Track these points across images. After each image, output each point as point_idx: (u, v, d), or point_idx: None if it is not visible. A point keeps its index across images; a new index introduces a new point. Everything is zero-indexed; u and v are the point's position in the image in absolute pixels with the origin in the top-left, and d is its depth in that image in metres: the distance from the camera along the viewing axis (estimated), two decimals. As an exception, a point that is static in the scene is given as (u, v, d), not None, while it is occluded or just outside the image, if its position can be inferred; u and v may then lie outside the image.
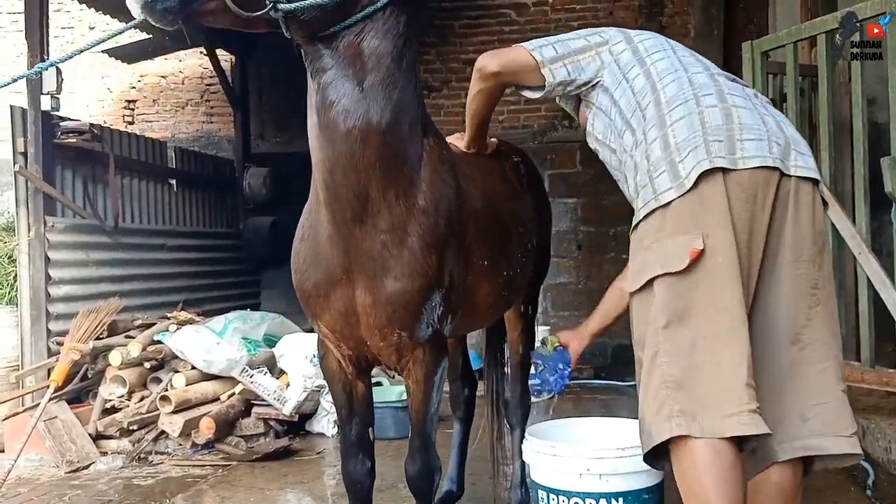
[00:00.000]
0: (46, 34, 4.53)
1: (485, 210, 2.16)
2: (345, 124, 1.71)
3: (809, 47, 4.42)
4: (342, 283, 1.86)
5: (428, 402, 1.99)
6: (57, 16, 6.54)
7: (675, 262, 1.62)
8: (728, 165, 1.64)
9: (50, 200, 4.46)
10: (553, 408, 5.04)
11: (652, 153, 1.73)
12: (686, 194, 1.64)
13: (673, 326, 1.61)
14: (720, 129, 1.69)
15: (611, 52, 1.97)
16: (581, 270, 6.75)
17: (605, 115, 1.97)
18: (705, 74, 1.84)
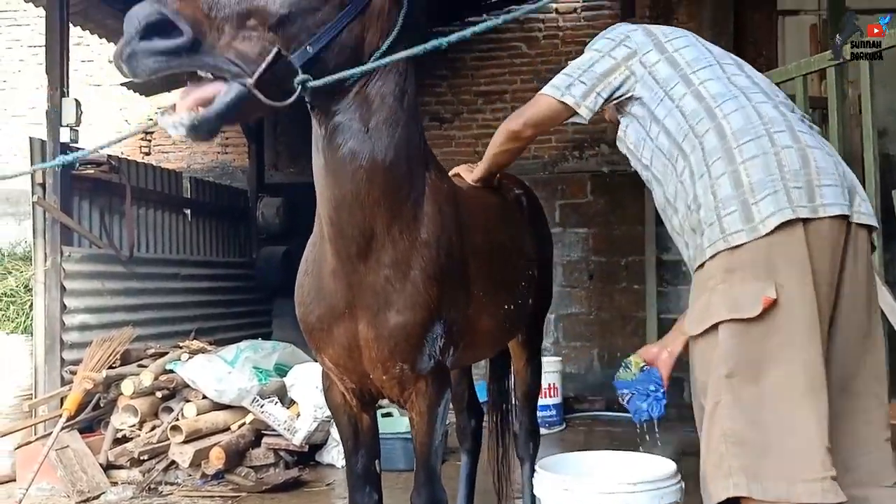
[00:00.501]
0: (66, 68, 4.63)
1: (486, 243, 2.17)
2: (351, 165, 1.73)
3: (819, 79, 4.45)
4: (345, 318, 1.87)
5: (432, 435, 1.98)
6: (77, 49, 6.66)
7: (745, 309, 1.54)
8: (809, 215, 1.57)
9: (67, 230, 4.52)
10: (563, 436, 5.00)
11: (720, 189, 1.64)
12: (760, 239, 1.57)
13: (738, 377, 1.54)
14: (798, 174, 1.61)
15: (642, 62, 1.87)
16: (593, 300, 6.73)
17: (641, 126, 1.89)
18: (770, 105, 1.74)
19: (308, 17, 1.49)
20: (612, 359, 6.65)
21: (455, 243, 1.95)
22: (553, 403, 5.49)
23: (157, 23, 1.26)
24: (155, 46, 1.26)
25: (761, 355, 1.53)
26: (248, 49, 1.39)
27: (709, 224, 1.65)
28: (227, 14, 1.36)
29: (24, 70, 7.72)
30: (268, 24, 1.42)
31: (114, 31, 5.65)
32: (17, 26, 7.75)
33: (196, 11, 1.32)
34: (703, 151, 1.70)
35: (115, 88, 7.39)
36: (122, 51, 1.27)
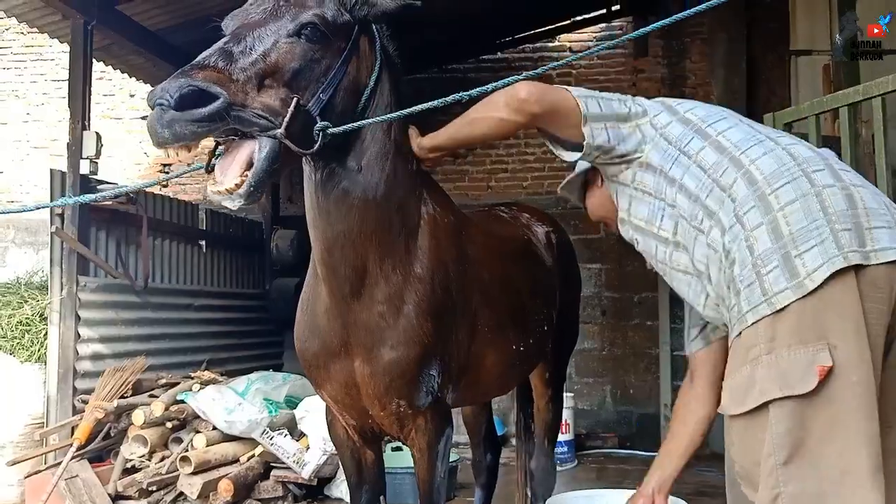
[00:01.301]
0: (88, 101, 4.73)
1: (494, 277, 2.16)
2: (344, 204, 1.77)
3: (832, 119, 4.46)
4: (341, 355, 1.89)
5: (433, 472, 1.98)
6: (99, 83, 6.81)
7: (798, 383, 1.35)
8: (862, 261, 1.38)
9: (83, 260, 4.57)
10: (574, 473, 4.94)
11: (757, 242, 1.45)
12: (808, 296, 1.38)
13: (797, 462, 1.36)
14: (845, 215, 1.42)
15: (653, 124, 1.71)
16: (605, 337, 6.69)
17: (654, 198, 1.69)
18: (802, 146, 1.58)
19: (316, 66, 1.59)
20: (624, 395, 6.59)
21: (454, 277, 1.95)
22: (565, 440, 5.43)
23: (189, 94, 1.34)
24: (195, 114, 1.35)
25: (817, 433, 1.35)
26: (271, 102, 1.47)
27: (747, 284, 1.46)
28: (247, 76, 1.45)
29: (48, 103, 7.89)
30: (284, 78, 1.52)
31: (135, 66, 5.79)
32: (42, 61, 7.94)
33: (221, 78, 1.41)
34: (734, 203, 1.51)
35: (136, 122, 7.53)
36: (160, 119, 1.35)
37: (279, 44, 1.54)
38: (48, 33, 5.06)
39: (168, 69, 5.72)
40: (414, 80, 6.54)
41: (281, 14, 1.57)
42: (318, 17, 1.60)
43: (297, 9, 1.59)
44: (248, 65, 1.47)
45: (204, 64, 1.43)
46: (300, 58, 1.56)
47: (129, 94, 7.84)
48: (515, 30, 6.81)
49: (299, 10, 1.59)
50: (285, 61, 1.53)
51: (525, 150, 6.94)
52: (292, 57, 1.54)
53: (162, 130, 1.34)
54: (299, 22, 1.57)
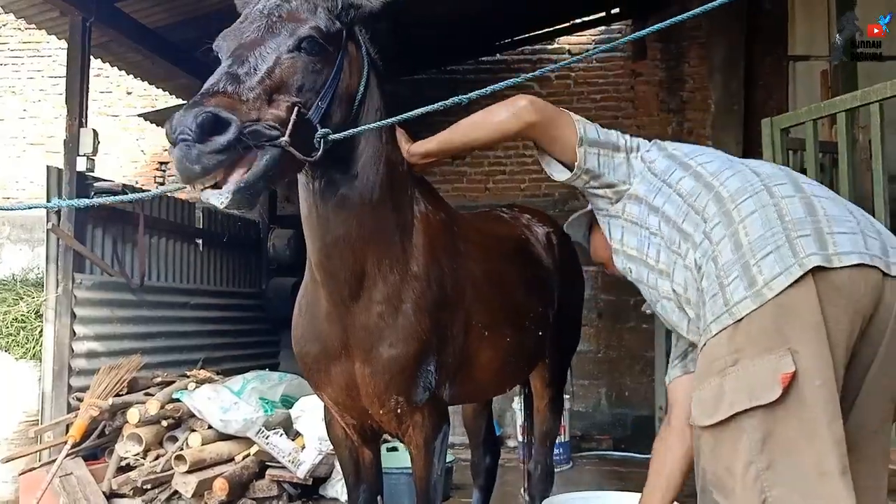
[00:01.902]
0: (86, 98, 4.72)
1: (488, 275, 2.17)
2: (342, 210, 1.78)
3: (829, 124, 4.48)
4: (341, 358, 1.90)
5: (430, 469, 1.99)
6: (96, 80, 6.79)
7: (765, 393, 1.37)
8: (822, 263, 1.39)
9: (79, 258, 4.56)
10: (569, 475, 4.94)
11: (720, 255, 1.49)
12: (767, 304, 1.40)
13: (778, 466, 1.38)
14: (804, 221, 1.45)
15: (642, 158, 1.80)
16: (601, 339, 6.70)
17: (640, 228, 1.76)
18: (770, 165, 1.66)
19: (317, 77, 1.61)
20: (620, 398, 6.60)
21: (448, 274, 1.97)
22: (560, 442, 5.43)
23: (205, 122, 1.35)
24: (215, 145, 1.36)
25: (793, 435, 1.37)
26: (279, 113, 1.49)
27: (711, 295, 1.49)
28: (256, 94, 1.48)
29: (45, 100, 7.87)
30: (290, 92, 1.54)
31: (133, 63, 5.78)
32: (40, 57, 7.92)
33: (231, 103, 1.42)
34: (705, 222, 1.58)
35: (133, 119, 7.52)
36: (188, 156, 1.36)
37: (281, 60, 1.56)
38: (46, 30, 5.05)
39: (166, 66, 5.73)
40: (413, 80, 6.54)
41: (277, 30, 1.59)
42: (315, 30, 1.62)
43: (293, 23, 1.61)
44: (255, 84, 1.48)
45: (213, 91, 1.44)
46: (302, 71, 1.58)
47: (127, 91, 7.83)
48: (514, 32, 6.82)
49: (296, 25, 1.61)
50: (289, 76, 1.55)
51: (523, 153, 6.95)
52: (295, 71, 1.57)
53: (192, 167, 1.36)
54: (298, 36, 1.59)
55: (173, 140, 1.37)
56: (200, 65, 5.76)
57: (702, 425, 1.48)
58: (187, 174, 1.38)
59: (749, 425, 1.40)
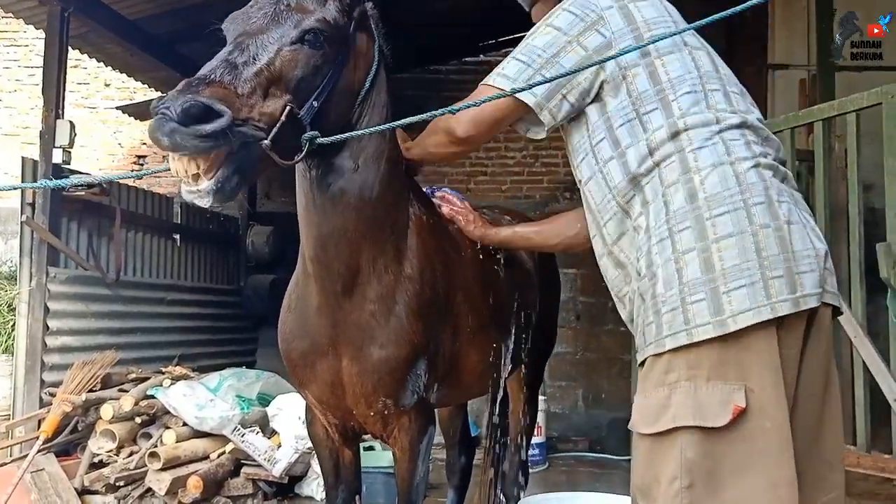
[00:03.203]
0: (63, 89, 4.65)
1: (476, 278, 2.17)
2: (340, 202, 1.76)
3: (807, 133, 4.54)
4: (328, 355, 1.88)
5: (414, 471, 1.98)
6: (74, 71, 6.71)
7: (710, 417, 1.36)
8: (793, 309, 1.38)
9: (53, 251, 4.50)
10: (545, 476, 4.97)
11: (687, 268, 1.42)
12: (730, 335, 1.38)
13: (699, 490, 1.37)
14: (777, 260, 1.40)
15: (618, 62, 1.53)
16: (579, 341, 6.74)
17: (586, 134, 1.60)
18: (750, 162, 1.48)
19: (318, 72, 1.57)
20: (596, 399, 6.64)
21: (440, 276, 1.96)
22: (537, 442, 5.45)
23: (193, 110, 1.31)
24: (199, 130, 1.31)
25: (726, 466, 1.37)
26: (273, 110, 1.46)
27: (670, 308, 1.43)
28: (252, 87, 1.44)
29: (20, 90, 7.75)
30: (289, 87, 1.50)
31: (112, 55, 5.71)
32: (16, 46, 7.80)
33: (226, 94, 1.38)
34: (667, 210, 1.47)
35: (110, 112, 7.43)
36: (161, 127, 1.31)
37: (283, 52, 1.51)
38: (23, 19, 4.96)
39: (145, 59, 5.67)
40: (394, 79, 6.53)
41: (283, 20, 1.54)
42: (321, 22, 1.57)
43: (300, 14, 1.56)
44: (251, 75, 1.44)
45: (210, 78, 1.39)
46: (303, 65, 1.54)
47: (105, 83, 7.74)
48: (498, 33, 6.83)
49: (302, 16, 1.56)
50: (289, 69, 1.51)
51: (505, 154, 6.97)
52: (295, 64, 1.52)
53: (161, 138, 1.31)
54: (302, 28, 1.54)
55: (153, 112, 1.32)
56: (180, 57, 5.72)
57: (641, 432, 1.47)
58: (157, 145, 1.34)
59: (684, 442, 1.39)
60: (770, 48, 6.18)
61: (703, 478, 1.37)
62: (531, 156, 6.92)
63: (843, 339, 3.81)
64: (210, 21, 1.69)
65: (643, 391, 1.49)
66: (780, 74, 6.02)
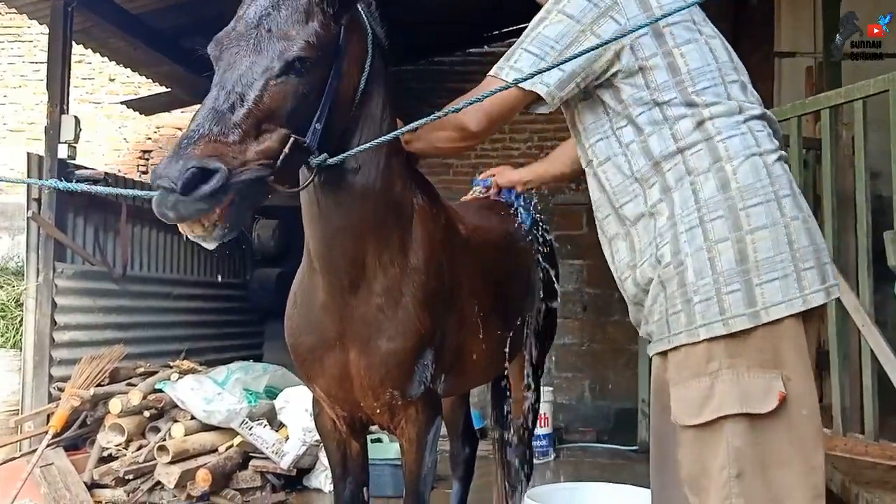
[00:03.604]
0: (67, 85, 4.66)
1: (480, 268, 2.17)
2: (344, 199, 1.75)
3: (814, 121, 4.51)
4: (336, 349, 1.88)
5: (421, 462, 1.98)
6: (78, 67, 6.71)
7: (758, 403, 1.39)
8: (823, 300, 1.43)
9: (60, 246, 4.51)
10: (553, 466, 4.97)
11: (720, 258, 1.42)
12: (767, 325, 1.41)
13: (747, 478, 1.39)
14: (807, 251, 1.43)
15: (633, 50, 1.50)
16: (585, 332, 6.74)
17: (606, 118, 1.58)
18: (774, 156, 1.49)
19: (311, 97, 1.53)
20: (603, 390, 6.64)
21: (445, 267, 1.96)
22: (544, 433, 5.46)
23: (191, 177, 1.30)
24: (197, 195, 1.31)
25: (771, 453, 1.39)
26: (270, 145, 1.43)
27: (704, 298, 1.43)
28: (242, 132, 1.40)
29: (25, 86, 7.76)
30: (280, 121, 1.46)
31: (116, 50, 5.70)
32: (21, 42, 7.81)
33: (218, 148, 1.36)
34: (696, 198, 1.46)
35: (115, 107, 7.43)
36: (164, 202, 1.32)
37: (269, 87, 1.45)
38: (27, 14, 4.97)
39: (149, 53, 5.66)
40: (397, 71, 6.51)
41: (265, 49, 1.47)
42: (306, 49, 1.49)
43: (283, 42, 1.48)
44: (240, 120, 1.40)
45: (199, 134, 1.36)
46: (294, 96, 1.48)
47: (109, 77, 7.74)
48: (503, 24, 6.79)
49: (286, 44, 1.48)
50: (279, 104, 1.46)
51: (510, 146, 6.94)
52: (284, 97, 1.47)
53: (167, 212, 1.33)
54: (285, 60, 1.47)
55: (154, 185, 1.33)
56: (184, 52, 5.71)
57: (685, 424, 1.46)
58: (164, 219, 1.35)
59: (731, 431, 1.40)
60: (776, 36, 6.13)
61: (752, 466, 1.39)
62: (536, 147, 6.89)
63: (850, 327, 3.80)
64: (213, 15, 1.66)
65: (681, 382, 1.48)
66: (787, 62, 5.98)
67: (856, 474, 3.43)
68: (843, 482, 3.46)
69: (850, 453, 3.69)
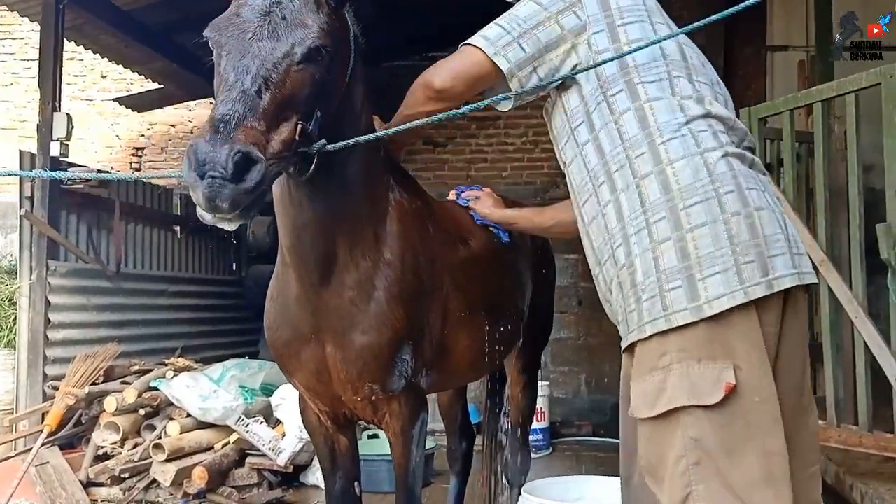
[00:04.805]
0: (59, 82, 4.64)
1: (464, 262, 2.16)
2: (315, 192, 1.75)
3: (806, 114, 4.53)
4: (312, 342, 1.89)
5: (409, 456, 1.99)
6: (70, 64, 6.68)
7: (705, 395, 1.42)
8: (766, 292, 1.45)
9: (53, 244, 4.50)
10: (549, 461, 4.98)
11: (663, 257, 1.49)
12: (718, 316, 1.44)
13: (706, 465, 1.43)
14: (748, 246, 1.47)
15: (590, 44, 1.58)
16: (581, 326, 6.75)
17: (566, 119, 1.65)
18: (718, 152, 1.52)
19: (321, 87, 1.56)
20: (599, 384, 6.66)
21: (424, 261, 1.96)
22: (540, 427, 5.48)
23: (239, 163, 1.32)
24: (247, 185, 1.33)
25: (726, 441, 1.43)
26: (287, 136, 1.46)
27: (650, 296, 1.49)
28: (271, 121, 1.42)
29: (17, 83, 7.72)
30: (298, 109, 1.50)
31: (107, 47, 5.68)
32: (12, 39, 7.76)
33: (255, 136, 1.38)
34: (641, 200, 1.52)
35: (107, 104, 7.40)
36: (220, 193, 1.32)
37: (291, 74, 1.48)
38: (18, 11, 4.94)
39: (141, 49, 5.64)
40: (392, 66, 6.50)
41: (283, 36, 1.49)
42: (323, 37, 1.53)
43: (301, 29, 1.51)
44: (268, 107, 1.42)
45: (236, 119, 1.36)
46: (311, 84, 1.51)
47: (101, 74, 7.70)
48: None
49: (304, 32, 1.51)
50: (299, 91, 1.49)
51: (505, 140, 6.95)
52: (303, 85, 1.50)
53: (223, 204, 1.32)
54: (307, 47, 1.50)
55: (199, 174, 1.31)
56: (176, 47, 5.69)
57: (642, 417, 1.52)
58: (215, 210, 1.34)
59: (685, 422, 1.44)
60: (769, 30, 6.14)
61: (708, 454, 1.42)
62: (531, 142, 6.90)
63: (844, 319, 3.82)
64: (205, 10, 1.66)
65: (638, 376, 1.54)
66: (779, 56, 5.99)
67: (850, 465, 3.45)
68: (838, 473, 3.48)
69: (844, 444, 3.71)
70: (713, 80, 1.66)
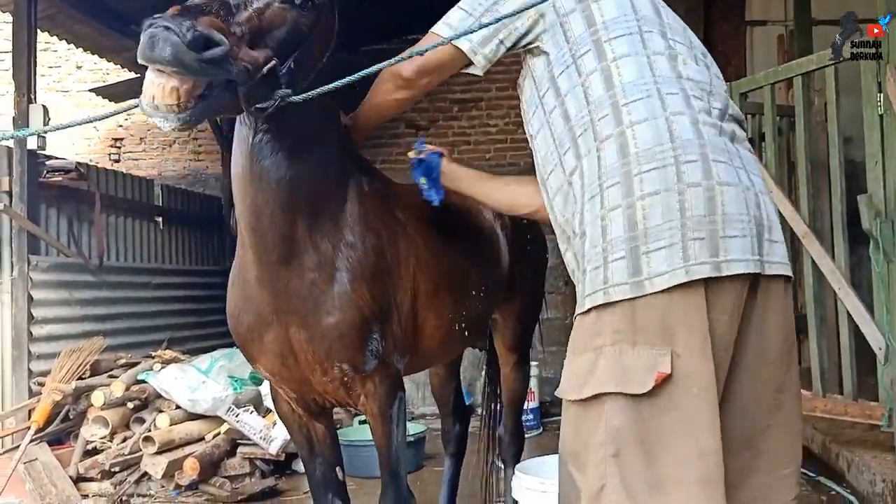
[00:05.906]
0: (34, 73, 4.56)
1: (430, 242, 2.13)
2: (276, 172, 1.74)
3: (786, 88, 4.55)
4: (273, 325, 1.87)
5: (389, 437, 1.97)
6: (44, 55, 6.56)
7: (634, 384, 1.32)
8: (710, 273, 1.33)
9: (34, 239, 4.44)
10: (540, 440, 5.02)
11: (611, 225, 1.37)
12: (657, 295, 1.32)
13: (625, 457, 1.32)
14: (702, 221, 1.34)
15: (555, 7, 1.54)
16: (568, 306, 6.77)
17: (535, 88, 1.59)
18: (687, 117, 1.41)
19: (298, 37, 1.58)
20: (586, 364, 6.69)
21: (387, 241, 1.95)
22: (531, 407, 5.51)
23: (196, 34, 1.29)
24: (199, 56, 1.29)
25: (653, 433, 1.32)
26: (256, 57, 1.47)
27: (594, 266, 1.38)
28: (242, 31, 1.45)
29: (-10, 76, 7.58)
30: (271, 42, 1.52)
31: (81, 36, 5.59)
32: (-17, 32, 7.61)
33: (223, 28, 1.38)
34: (599, 164, 1.41)
35: (84, 95, 7.29)
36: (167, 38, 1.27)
37: (273, 5, 1.53)
38: (-11, 3, 4.84)
39: (115, 38, 5.55)
40: (372, 51, 6.45)
41: None
42: None
43: None
44: (243, 20, 1.46)
45: (206, 9, 1.38)
46: (290, 24, 1.55)
47: (76, 65, 7.59)
48: None
49: None
50: (277, 24, 1.53)
51: (487, 122, 6.92)
52: (283, 21, 1.54)
53: (165, 48, 1.26)
54: None
55: (153, 24, 1.27)
56: (152, 37, 5.60)
57: (568, 399, 1.42)
58: (152, 59, 1.28)
59: (610, 409, 1.34)
60: (747, 4, 6.15)
61: (631, 445, 1.33)
62: (514, 123, 6.88)
63: (827, 290, 3.85)
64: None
65: (571, 353, 1.45)
66: (758, 31, 6.00)
67: (836, 434, 3.51)
68: (824, 442, 3.53)
69: (829, 414, 3.76)
70: (693, 44, 1.58)
